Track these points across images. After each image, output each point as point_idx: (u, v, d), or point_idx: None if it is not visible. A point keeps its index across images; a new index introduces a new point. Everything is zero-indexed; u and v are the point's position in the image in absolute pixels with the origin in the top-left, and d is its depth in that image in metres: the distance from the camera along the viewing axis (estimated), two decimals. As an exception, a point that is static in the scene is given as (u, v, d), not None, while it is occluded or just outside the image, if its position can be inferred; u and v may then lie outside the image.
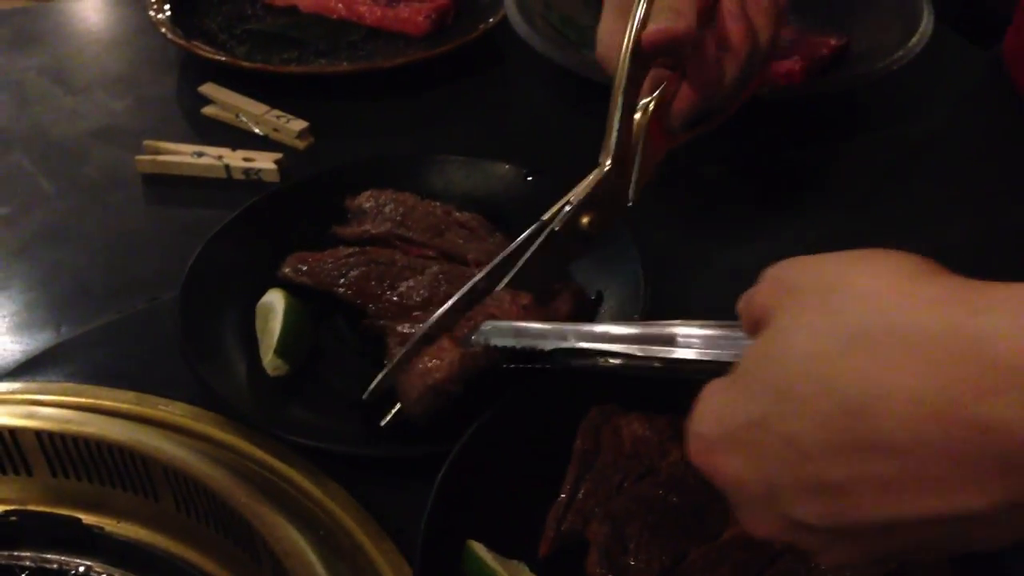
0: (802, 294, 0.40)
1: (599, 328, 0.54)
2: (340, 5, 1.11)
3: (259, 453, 0.65)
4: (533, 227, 0.67)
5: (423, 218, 0.79)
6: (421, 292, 0.72)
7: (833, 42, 0.98)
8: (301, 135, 0.94)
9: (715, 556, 0.54)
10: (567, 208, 0.66)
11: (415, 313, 0.71)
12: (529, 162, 0.84)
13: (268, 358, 0.69)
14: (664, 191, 0.89)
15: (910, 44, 0.95)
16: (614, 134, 0.65)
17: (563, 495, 0.57)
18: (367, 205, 0.81)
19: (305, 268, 0.76)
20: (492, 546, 0.54)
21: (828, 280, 0.40)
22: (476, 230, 0.78)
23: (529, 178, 0.83)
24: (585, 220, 0.66)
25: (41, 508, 0.64)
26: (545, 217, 0.67)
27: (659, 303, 0.71)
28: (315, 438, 0.64)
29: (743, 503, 0.42)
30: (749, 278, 0.79)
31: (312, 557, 0.56)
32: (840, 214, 0.86)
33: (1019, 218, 0.85)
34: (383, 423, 0.64)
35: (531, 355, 0.58)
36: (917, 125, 0.98)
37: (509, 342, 0.59)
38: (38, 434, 0.62)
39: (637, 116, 0.67)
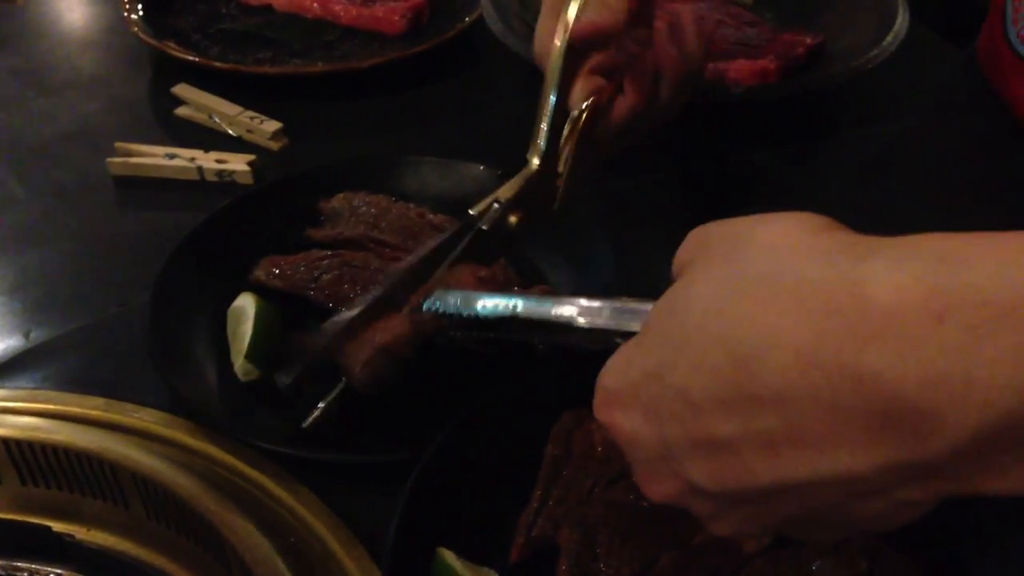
0: (712, 248, 0.40)
1: (550, 300, 0.54)
2: (315, 4, 1.10)
3: (230, 459, 0.64)
4: (461, 224, 0.65)
5: (397, 220, 0.79)
6: None
7: (808, 41, 0.98)
8: (275, 136, 0.93)
9: (686, 561, 0.54)
10: (495, 206, 0.65)
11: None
12: (504, 163, 0.83)
13: (239, 363, 0.68)
14: (638, 192, 0.89)
15: (885, 43, 0.95)
16: (543, 133, 0.65)
17: (534, 501, 0.57)
18: (341, 207, 0.80)
19: (277, 271, 0.75)
20: (463, 553, 0.54)
21: (736, 234, 0.39)
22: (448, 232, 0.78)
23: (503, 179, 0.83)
24: (512, 219, 0.65)
25: (10, 516, 0.63)
26: (472, 212, 0.65)
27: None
28: (286, 444, 0.64)
29: (640, 461, 0.41)
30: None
31: (281, 565, 0.55)
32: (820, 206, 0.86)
33: (992, 216, 0.85)
34: (305, 424, 0.63)
35: (480, 323, 0.57)
36: (892, 123, 0.97)
37: (458, 309, 0.58)
38: (6, 442, 0.62)
39: (571, 117, 0.66)
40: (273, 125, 0.93)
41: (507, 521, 0.57)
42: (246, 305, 0.71)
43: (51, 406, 0.67)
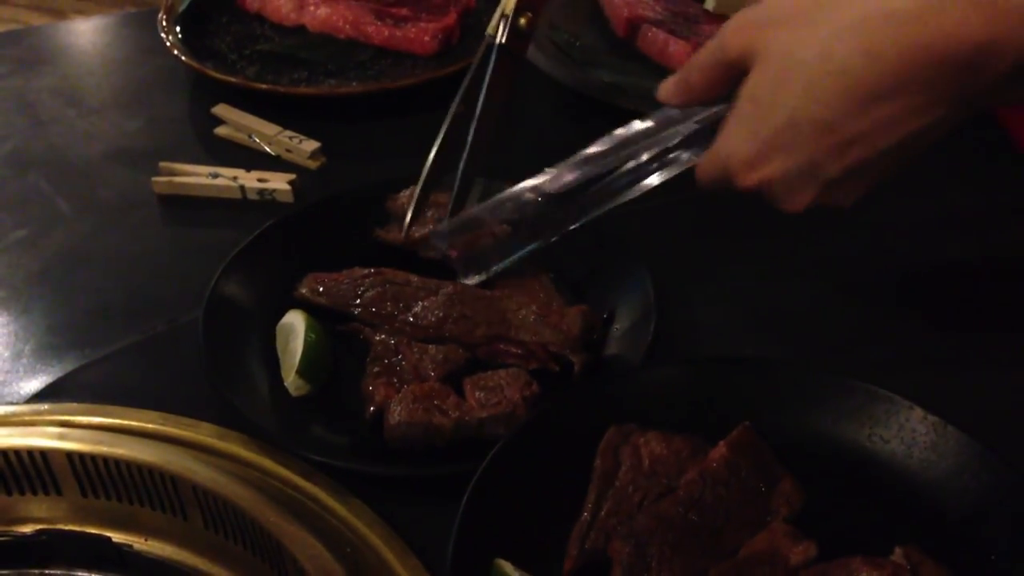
0: (782, 22, 0.53)
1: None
2: (347, 25, 1.13)
3: (284, 472, 0.66)
4: (482, 47, 0.78)
5: None
6: (436, 312, 0.74)
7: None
8: (313, 155, 0.96)
9: (734, 572, 0.55)
10: (503, 21, 0.76)
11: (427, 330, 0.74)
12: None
13: (290, 378, 0.70)
14: (670, 211, 0.91)
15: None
16: None
17: (585, 514, 0.59)
18: (408, 206, 0.82)
19: (321, 289, 0.77)
20: (518, 564, 0.55)
21: (801, 5, 0.52)
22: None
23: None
24: (523, 22, 0.76)
25: (71, 527, 0.65)
26: (489, 32, 0.78)
27: (668, 320, 0.73)
28: (339, 457, 0.66)
29: (786, 191, 0.57)
30: (753, 294, 0.81)
31: (341, 574, 0.57)
32: (844, 230, 0.88)
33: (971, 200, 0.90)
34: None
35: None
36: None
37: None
38: (69, 455, 0.64)
39: None
40: (311, 144, 0.96)
41: (559, 534, 0.59)
42: (295, 322, 0.73)
43: (109, 420, 0.69)
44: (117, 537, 0.65)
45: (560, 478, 0.61)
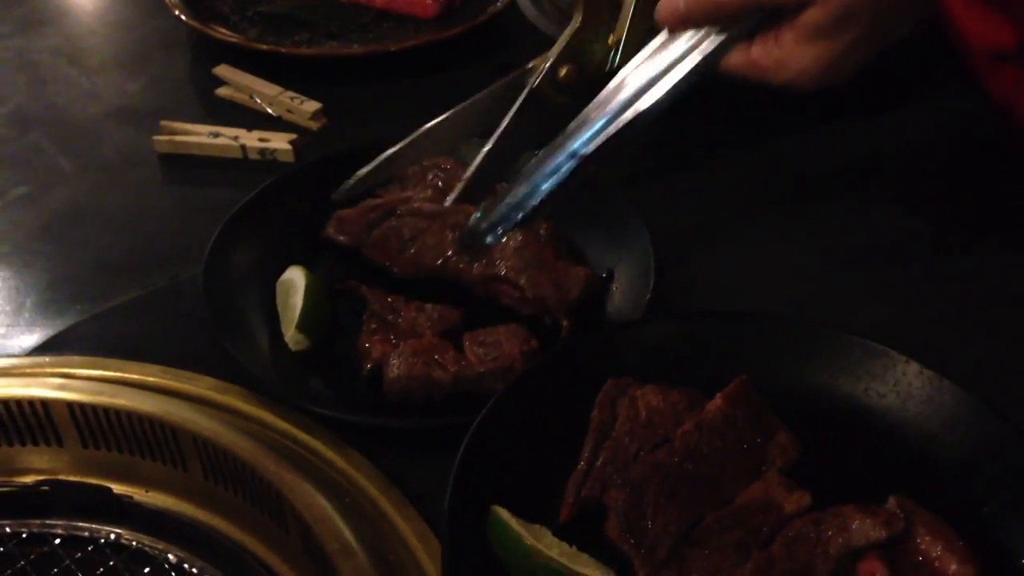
0: None
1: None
2: (349, -13, 1.12)
3: (283, 424, 0.67)
4: (511, 76, 0.73)
5: None
6: (441, 250, 0.76)
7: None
8: (314, 116, 0.96)
9: (729, 520, 0.56)
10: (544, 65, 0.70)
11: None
12: (538, 146, 0.85)
13: (290, 333, 0.71)
14: (667, 168, 0.91)
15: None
16: None
17: (582, 463, 0.59)
18: (411, 170, 0.83)
19: (344, 229, 0.79)
20: (514, 512, 0.56)
21: None
22: None
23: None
24: (563, 72, 0.69)
25: (72, 478, 0.66)
26: (530, 66, 0.72)
27: (666, 281, 0.73)
28: (338, 409, 0.66)
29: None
30: (752, 253, 0.81)
31: (340, 523, 0.58)
32: (840, 193, 0.88)
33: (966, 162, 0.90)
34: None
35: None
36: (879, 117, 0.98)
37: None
38: (70, 406, 0.64)
39: None
40: (312, 105, 0.96)
41: (555, 483, 0.59)
42: (295, 278, 0.73)
43: (110, 372, 0.70)
44: (118, 488, 0.65)
45: (557, 430, 0.61)
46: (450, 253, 0.75)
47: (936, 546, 0.54)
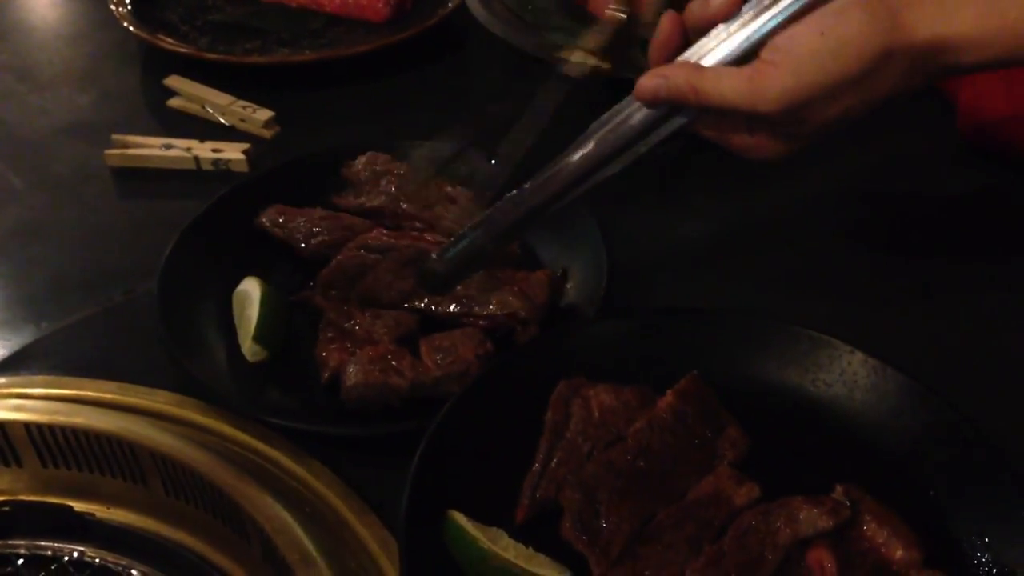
0: (819, 101, 0.59)
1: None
2: (300, -8, 1.12)
3: (243, 436, 0.67)
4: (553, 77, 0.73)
5: (416, 191, 0.82)
6: (397, 286, 0.75)
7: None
8: (267, 124, 0.96)
9: (680, 515, 0.57)
10: (584, 60, 0.72)
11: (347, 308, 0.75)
12: (492, 146, 0.86)
13: (247, 344, 0.71)
14: (624, 172, 0.92)
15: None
16: None
17: (536, 464, 0.60)
18: (364, 173, 0.83)
19: (282, 219, 0.79)
20: (471, 515, 0.57)
21: (843, 82, 0.58)
22: (463, 205, 0.81)
23: (493, 162, 0.85)
24: (606, 67, 0.73)
25: (33, 497, 0.66)
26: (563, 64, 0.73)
27: (621, 275, 0.74)
28: (296, 419, 0.67)
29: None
30: (704, 248, 0.82)
31: (300, 533, 0.58)
32: (788, 185, 0.89)
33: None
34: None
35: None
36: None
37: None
38: (27, 426, 0.64)
39: None
40: (265, 114, 0.96)
41: (511, 485, 0.60)
42: (251, 289, 0.73)
43: (67, 391, 0.70)
44: (79, 506, 0.65)
45: (512, 431, 0.62)
46: (410, 292, 0.75)
47: (882, 532, 0.55)
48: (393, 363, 0.68)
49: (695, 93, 0.60)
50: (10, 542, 0.65)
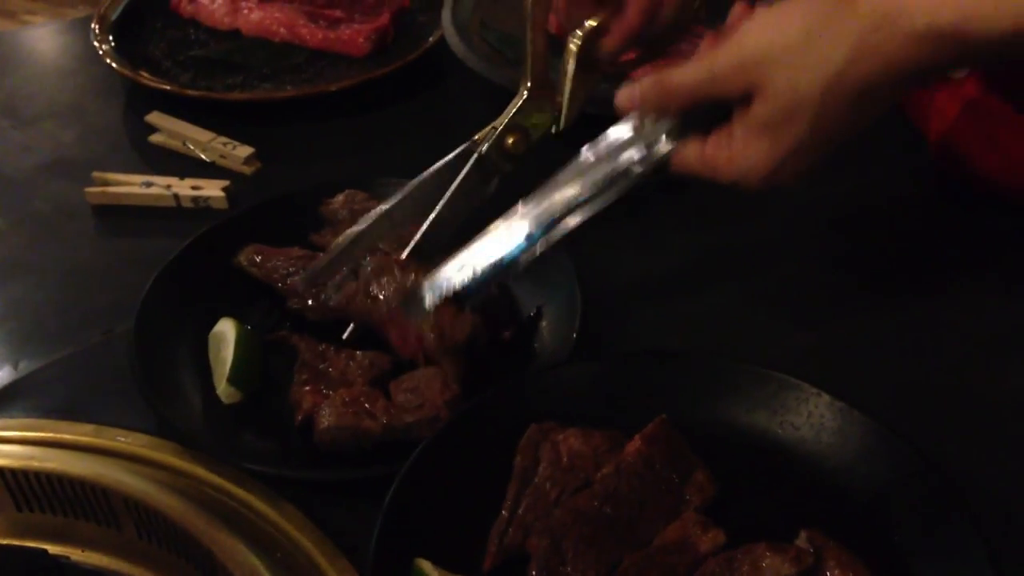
0: (779, 61, 0.60)
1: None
2: (282, 28, 1.13)
3: (217, 479, 0.67)
4: (462, 148, 0.75)
5: (392, 230, 0.81)
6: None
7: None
8: (248, 161, 0.96)
9: (646, 562, 0.57)
10: (493, 132, 0.74)
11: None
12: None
13: (221, 386, 0.71)
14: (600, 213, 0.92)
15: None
16: (530, 59, 0.72)
17: (504, 511, 0.61)
18: (341, 211, 0.83)
19: (259, 259, 0.80)
20: (440, 562, 0.57)
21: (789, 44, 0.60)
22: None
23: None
24: (511, 141, 0.74)
25: (8, 541, 0.66)
26: (476, 138, 0.75)
27: (595, 315, 0.75)
28: (270, 464, 0.67)
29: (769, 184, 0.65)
30: (677, 288, 0.83)
31: (270, 579, 0.59)
32: (758, 219, 0.90)
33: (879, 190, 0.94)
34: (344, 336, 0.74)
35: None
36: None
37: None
38: (2, 471, 0.65)
39: (569, 41, 0.73)
40: (245, 150, 0.97)
41: (480, 531, 0.61)
42: (226, 330, 0.74)
43: (43, 434, 0.70)
44: (54, 550, 0.66)
45: (482, 477, 0.62)
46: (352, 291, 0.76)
47: (845, 578, 0.56)
48: (367, 406, 0.68)
49: (660, 85, 0.64)
50: (-15, 587, 0.65)
